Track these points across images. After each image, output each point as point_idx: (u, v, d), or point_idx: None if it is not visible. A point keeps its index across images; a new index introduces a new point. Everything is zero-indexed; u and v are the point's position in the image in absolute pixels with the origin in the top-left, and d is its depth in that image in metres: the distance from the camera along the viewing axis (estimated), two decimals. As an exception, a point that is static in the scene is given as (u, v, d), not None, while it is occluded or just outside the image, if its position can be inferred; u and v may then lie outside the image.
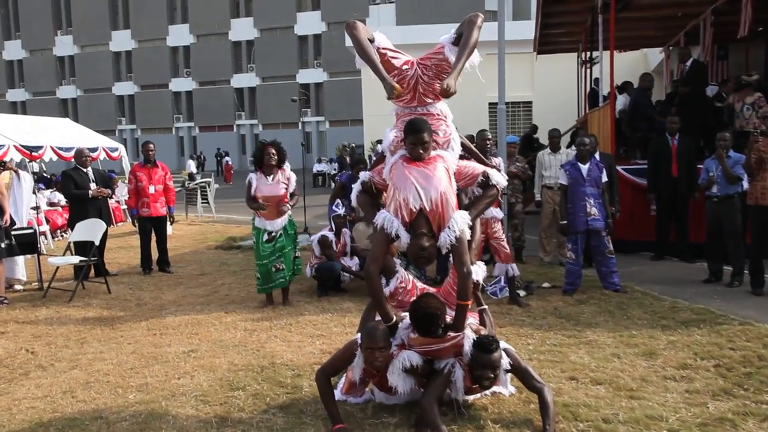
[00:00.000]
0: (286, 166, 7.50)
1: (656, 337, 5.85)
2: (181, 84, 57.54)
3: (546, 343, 5.81)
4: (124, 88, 59.10)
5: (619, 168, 9.64)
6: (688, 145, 9.34)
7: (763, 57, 11.91)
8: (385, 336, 4.03)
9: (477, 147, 7.63)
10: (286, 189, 7.39)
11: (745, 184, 7.75)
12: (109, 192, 10.15)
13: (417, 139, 4.10)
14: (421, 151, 4.11)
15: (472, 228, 4.28)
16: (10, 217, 8.36)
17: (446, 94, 4.16)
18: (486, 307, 4.66)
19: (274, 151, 7.34)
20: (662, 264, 9.31)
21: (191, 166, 36.18)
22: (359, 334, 4.19)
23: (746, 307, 6.86)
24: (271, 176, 7.33)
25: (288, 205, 7.34)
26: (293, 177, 7.54)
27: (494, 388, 4.45)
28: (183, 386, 4.92)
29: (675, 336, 5.87)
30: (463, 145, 4.60)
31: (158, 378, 5.14)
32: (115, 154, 16.23)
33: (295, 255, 7.63)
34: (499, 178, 4.48)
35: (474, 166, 4.49)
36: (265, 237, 7.34)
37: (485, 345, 3.96)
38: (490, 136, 7.88)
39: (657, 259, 9.53)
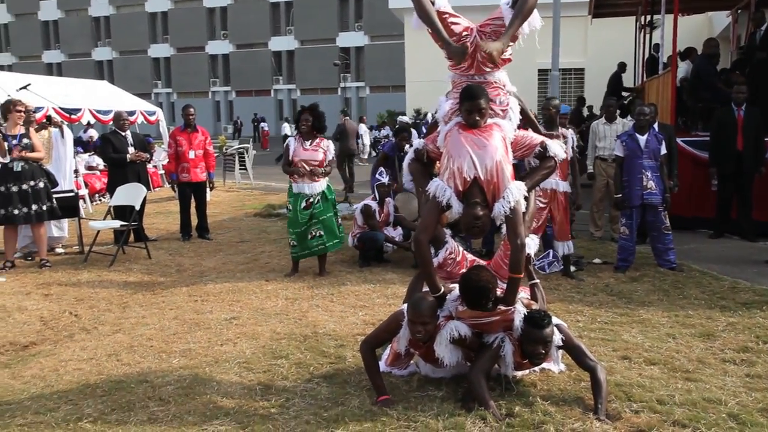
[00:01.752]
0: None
1: (714, 318, 5.80)
2: (218, 47, 57.84)
3: (597, 320, 5.80)
4: (160, 50, 59.66)
5: (679, 140, 9.46)
6: (755, 117, 9.10)
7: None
8: (432, 309, 4.07)
9: (544, 117, 7.62)
10: (324, 155, 7.46)
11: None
12: (148, 156, 10.31)
13: (473, 106, 4.07)
14: (478, 118, 4.09)
15: (527, 199, 4.27)
16: (52, 177, 8.61)
17: (491, 59, 4.10)
18: (538, 281, 4.66)
19: (309, 116, 7.42)
20: (722, 242, 9.17)
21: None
22: (405, 305, 4.24)
23: (813, 289, 6.75)
24: (309, 141, 7.42)
25: (321, 170, 7.39)
26: (331, 145, 7.61)
27: (544, 365, 4.48)
28: (226, 353, 5.05)
29: (735, 318, 5.81)
30: (523, 112, 4.56)
31: (201, 344, 5.29)
32: (152, 118, 16.52)
33: (339, 222, 7.71)
34: (558, 150, 4.43)
35: (532, 136, 4.45)
36: (303, 204, 7.41)
37: (537, 320, 3.97)
38: (557, 104, 7.76)
39: (716, 237, 9.38)
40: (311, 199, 7.42)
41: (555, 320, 4.14)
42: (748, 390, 4.26)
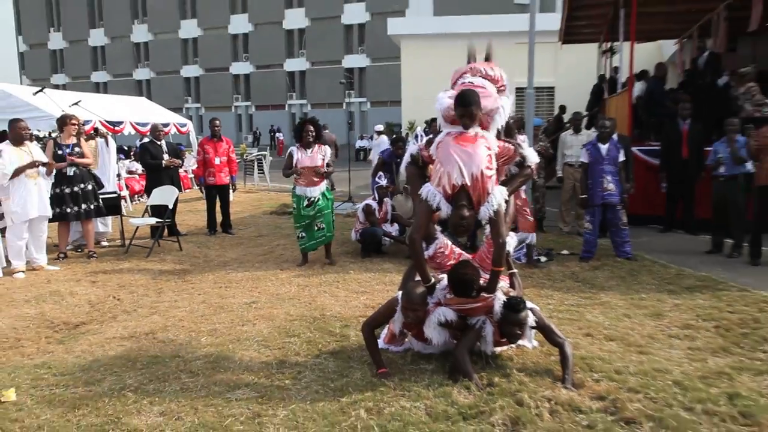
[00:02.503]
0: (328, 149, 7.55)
1: (663, 300, 5.82)
2: (240, 68, 57.73)
3: (565, 303, 5.82)
4: (191, 71, 59.53)
5: (634, 149, 9.47)
6: (698, 130, 9.12)
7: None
8: (423, 298, 4.10)
9: (505, 126, 7.60)
10: (323, 160, 7.43)
11: (748, 166, 7.59)
12: (180, 162, 10.30)
13: (465, 112, 4.07)
14: (468, 122, 4.11)
15: (507, 202, 4.28)
16: (99, 180, 8.62)
17: None
18: (516, 271, 4.68)
19: (312, 128, 7.40)
20: (670, 236, 9.18)
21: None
22: (400, 293, 4.25)
23: (744, 275, 6.76)
24: (310, 149, 7.39)
25: (325, 168, 7.37)
26: (329, 151, 7.57)
27: (519, 342, 4.49)
28: (246, 332, 5.05)
29: (680, 300, 5.83)
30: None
31: (225, 324, 5.29)
32: (183, 129, 16.49)
33: (333, 219, 7.69)
34: (534, 159, 4.47)
35: (511, 147, 4.46)
36: (305, 203, 7.39)
37: (514, 306, 4.00)
38: (515, 115, 7.80)
39: (665, 232, 9.40)
40: (312, 199, 7.41)
41: (529, 304, 4.16)
42: (690, 361, 4.29)
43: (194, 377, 4.14)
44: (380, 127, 17.45)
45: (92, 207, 8.28)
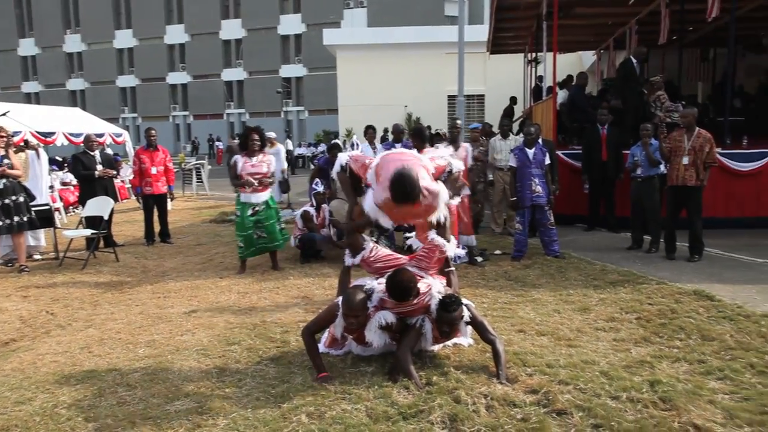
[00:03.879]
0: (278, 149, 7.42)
1: (589, 295, 5.96)
2: (177, 77, 56.40)
3: (498, 301, 5.88)
4: (127, 80, 57.72)
5: (559, 152, 9.73)
6: (615, 134, 9.46)
7: (677, 61, 12.16)
8: (363, 303, 4.05)
9: (451, 134, 7.73)
10: (268, 167, 7.30)
11: (662, 168, 7.91)
12: (114, 173, 9.92)
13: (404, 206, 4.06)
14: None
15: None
16: (30, 192, 8.18)
17: None
18: (453, 269, 4.70)
19: (257, 136, 7.25)
20: (594, 234, 9.46)
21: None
22: (340, 298, 4.19)
23: (662, 269, 7.03)
24: (255, 158, 7.24)
25: (282, 175, 7.28)
26: (273, 159, 7.45)
27: (456, 340, 4.51)
28: (186, 342, 4.88)
29: (604, 294, 5.99)
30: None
31: (164, 335, 5.09)
32: (119, 139, 15.94)
33: (281, 227, 7.55)
34: (459, 166, 4.53)
35: (443, 163, 4.48)
36: (250, 211, 7.22)
37: (448, 304, 4.00)
38: (458, 124, 7.90)
39: (589, 230, 9.68)
40: (257, 208, 7.25)
41: (464, 300, 4.17)
42: (615, 351, 4.41)
43: (131, 390, 3.95)
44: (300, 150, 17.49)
45: (24, 219, 7.86)
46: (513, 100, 16.91)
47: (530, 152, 7.69)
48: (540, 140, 8.20)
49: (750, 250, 7.85)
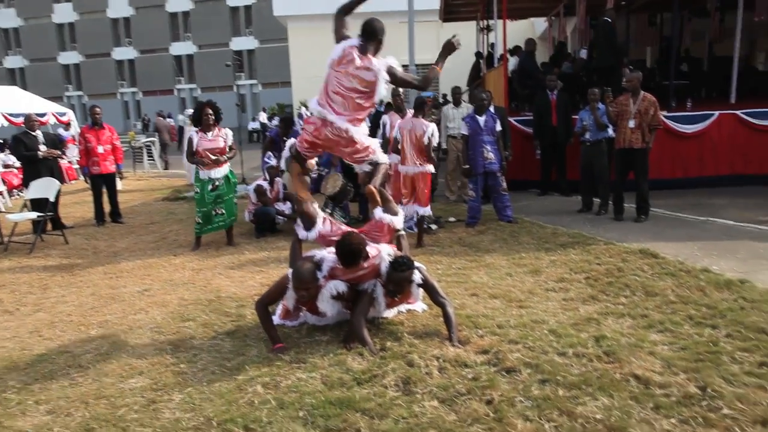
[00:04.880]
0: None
1: (541, 258, 6.13)
2: (124, 53, 54.52)
3: (452, 267, 5.99)
4: (69, 57, 55.49)
5: (510, 119, 9.85)
6: (565, 100, 9.62)
7: (624, 26, 12.38)
8: (312, 275, 4.07)
9: (395, 104, 7.69)
10: (225, 142, 7.20)
11: (611, 131, 8.10)
12: (59, 153, 9.62)
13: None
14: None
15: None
16: None
17: None
18: (403, 233, 4.76)
19: (210, 110, 7.13)
20: (546, 198, 9.67)
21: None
22: (290, 270, 4.21)
23: (610, 230, 7.26)
24: (210, 132, 7.13)
25: (225, 156, 7.16)
26: (230, 133, 7.35)
27: (409, 306, 4.59)
28: (139, 321, 4.84)
29: (555, 256, 6.16)
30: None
31: (116, 315, 5.03)
32: (64, 118, 15.38)
33: (235, 202, 7.49)
34: (384, 159, 4.60)
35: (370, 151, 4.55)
36: (210, 186, 7.15)
37: (399, 264, 4.06)
38: (400, 92, 7.88)
39: (542, 195, 9.89)
40: (216, 183, 7.17)
41: (416, 263, 4.23)
42: (564, 310, 4.56)
43: (84, 371, 3.91)
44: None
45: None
46: (479, 55, 16.80)
47: (481, 120, 7.77)
48: (492, 107, 8.29)
49: (693, 209, 8.16)
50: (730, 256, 5.89)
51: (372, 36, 4.31)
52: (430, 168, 7.15)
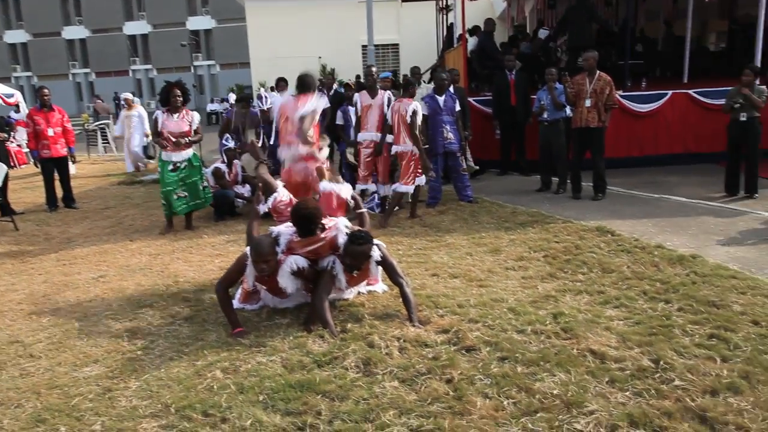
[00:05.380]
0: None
1: (500, 237, 6.18)
2: (74, 32, 52.61)
3: (413, 247, 6.00)
4: (16, 36, 53.26)
5: (470, 99, 9.86)
6: (524, 79, 9.67)
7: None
8: (271, 247, 4.02)
9: (367, 82, 7.66)
10: (190, 125, 7.03)
11: (568, 111, 8.19)
12: (5, 136, 9.25)
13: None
14: None
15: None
16: None
17: None
18: (365, 210, 4.75)
19: (179, 91, 6.95)
20: (506, 178, 9.74)
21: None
22: (248, 248, 4.15)
23: (568, 208, 7.37)
24: (177, 114, 6.95)
25: (187, 139, 6.99)
26: (196, 115, 7.17)
27: (370, 287, 4.59)
28: (94, 308, 4.71)
29: (515, 235, 6.23)
30: None
31: (70, 302, 4.89)
32: (11, 100, 14.81)
33: (203, 185, 7.34)
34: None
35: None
36: (170, 167, 6.99)
37: (357, 238, 4.03)
38: (373, 72, 7.79)
39: (502, 174, 9.96)
40: (178, 165, 7.00)
41: (376, 241, 4.19)
42: (523, 289, 4.62)
43: (35, 361, 3.80)
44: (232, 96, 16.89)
45: None
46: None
47: (441, 99, 7.75)
48: (451, 88, 8.27)
49: (648, 187, 8.35)
50: (682, 232, 6.06)
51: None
52: (410, 146, 7.12)
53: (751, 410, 2.82)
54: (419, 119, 7.05)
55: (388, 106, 7.37)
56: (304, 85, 5.74)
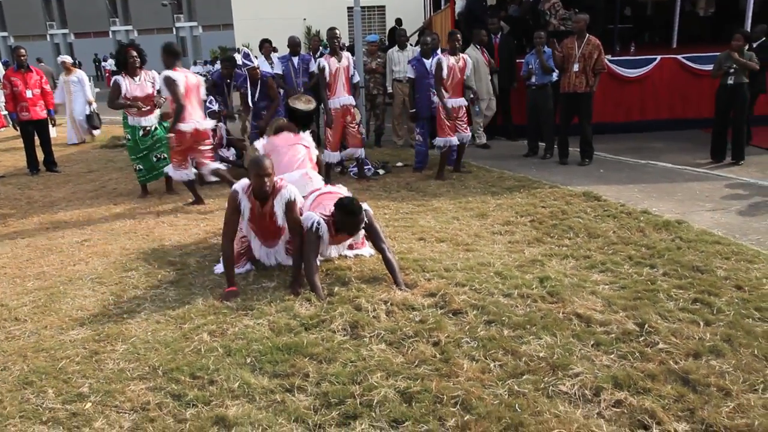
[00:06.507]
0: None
1: (487, 202, 6.18)
2: (51, -10, 51.15)
3: (400, 212, 5.98)
4: (-9, -5, 51.74)
5: (457, 63, 9.72)
6: (509, 43, 9.55)
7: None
8: (272, 164, 4.08)
9: (330, 44, 7.48)
10: (153, 86, 6.86)
11: (555, 75, 8.13)
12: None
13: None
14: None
15: None
16: None
17: None
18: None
19: (134, 53, 6.75)
20: (493, 143, 9.66)
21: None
22: (236, 185, 4.16)
23: (555, 173, 7.37)
24: (137, 77, 6.78)
25: (161, 99, 6.85)
26: (158, 77, 6.99)
27: (356, 251, 4.58)
28: (79, 271, 4.66)
29: (501, 200, 6.23)
30: None
31: (54, 266, 4.84)
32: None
33: None
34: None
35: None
36: (141, 133, 6.87)
37: (350, 209, 3.97)
38: (338, 34, 7.59)
39: (489, 139, 9.90)
40: (148, 128, 6.88)
41: (364, 205, 4.14)
42: (509, 253, 4.64)
43: (21, 324, 3.76)
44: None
45: None
46: (398, 22, 16.58)
47: (427, 62, 7.65)
48: (438, 50, 8.16)
49: (635, 153, 8.37)
50: (668, 198, 6.10)
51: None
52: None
53: (732, 372, 2.88)
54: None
55: (354, 68, 7.32)
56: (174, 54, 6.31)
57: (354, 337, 3.34)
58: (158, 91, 6.87)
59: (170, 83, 6.16)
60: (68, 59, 12.15)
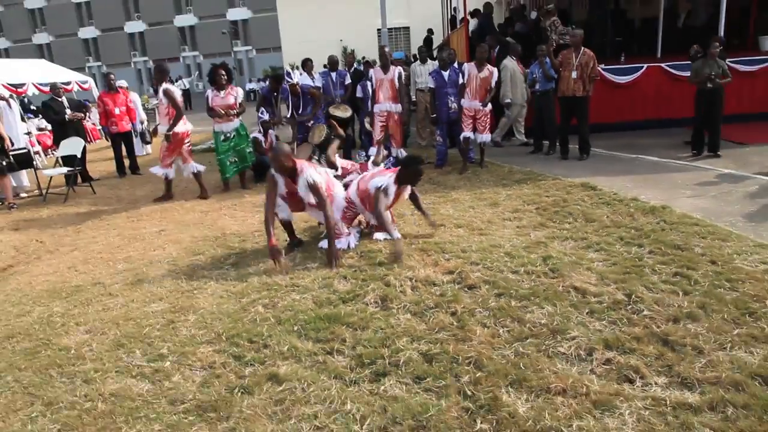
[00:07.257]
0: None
1: (498, 192, 6.10)
2: (134, 26, 52.18)
3: (423, 202, 5.84)
4: (88, 32, 53.02)
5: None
6: (498, 60, 9.32)
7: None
8: (291, 150, 4.32)
9: (381, 60, 7.54)
10: (235, 100, 7.03)
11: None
12: (82, 116, 9.29)
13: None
14: None
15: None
16: (9, 138, 7.67)
17: None
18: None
19: (223, 71, 6.97)
20: (505, 141, 9.51)
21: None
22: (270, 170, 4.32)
23: (557, 167, 7.22)
24: (223, 91, 6.96)
25: (234, 111, 7.01)
26: (240, 91, 7.18)
27: (385, 235, 4.55)
28: (157, 256, 4.79)
29: (511, 191, 6.14)
30: None
31: (138, 251, 4.98)
32: (86, 86, 14.79)
33: (249, 150, 7.44)
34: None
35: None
36: (222, 138, 7.09)
37: (413, 161, 4.40)
38: (387, 51, 7.62)
39: (503, 139, 9.74)
40: (228, 135, 7.09)
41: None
42: (517, 236, 4.57)
43: (114, 298, 3.89)
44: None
45: (4, 164, 7.35)
46: (430, 31, 16.41)
47: (445, 74, 7.57)
48: (455, 63, 8.07)
49: (626, 149, 8.14)
50: (654, 187, 5.92)
51: None
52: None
53: (705, 334, 2.80)
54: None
55: (399, 80, 7.29)
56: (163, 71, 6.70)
57: (384, 309, 3.35)
58: (239, 104, 7.04)
59: (170, 94, 6.53)
60: (124, 84, 12.24)
